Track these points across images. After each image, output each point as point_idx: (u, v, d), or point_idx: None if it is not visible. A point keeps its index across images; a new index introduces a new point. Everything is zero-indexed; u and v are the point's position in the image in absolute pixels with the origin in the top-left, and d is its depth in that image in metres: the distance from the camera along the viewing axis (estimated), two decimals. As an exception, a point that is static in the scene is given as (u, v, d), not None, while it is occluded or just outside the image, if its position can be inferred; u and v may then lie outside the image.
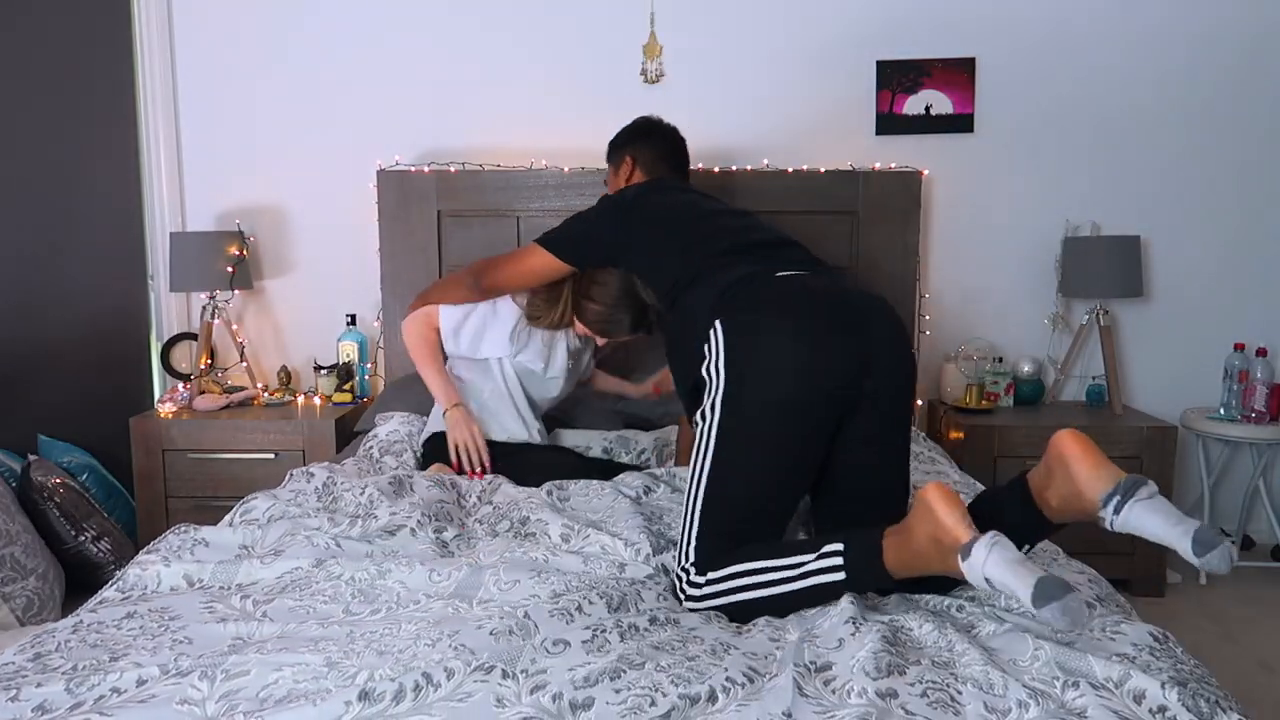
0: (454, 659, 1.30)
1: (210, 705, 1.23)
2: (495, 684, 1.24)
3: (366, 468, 2.35)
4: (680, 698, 1.23)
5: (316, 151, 3.30)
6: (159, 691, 1.25)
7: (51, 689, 1.27)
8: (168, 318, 3.36)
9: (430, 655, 1.32)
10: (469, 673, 1.26)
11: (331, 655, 1.33)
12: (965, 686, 1.26)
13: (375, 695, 1.21)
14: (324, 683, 1.27)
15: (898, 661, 1.32)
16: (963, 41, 3.21)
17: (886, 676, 1.27)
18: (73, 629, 1.47)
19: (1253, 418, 3.04)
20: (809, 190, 3.12)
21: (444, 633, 1.39)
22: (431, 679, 1.25)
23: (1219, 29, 3.19)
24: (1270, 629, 2.75)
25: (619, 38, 3.17)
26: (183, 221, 3.35)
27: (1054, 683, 1.26)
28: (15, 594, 2.44)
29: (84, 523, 2.75)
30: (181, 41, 3.29)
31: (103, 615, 1.52)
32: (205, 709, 1.22)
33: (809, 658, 1.35)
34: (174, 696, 1.24)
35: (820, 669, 1.33)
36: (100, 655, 1.37)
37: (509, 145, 3.23)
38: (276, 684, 1.27)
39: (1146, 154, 3.26)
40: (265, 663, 1.31)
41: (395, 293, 3.18)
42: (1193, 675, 1.30)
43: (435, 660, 1.30)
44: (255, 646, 1.38)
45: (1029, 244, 3.30)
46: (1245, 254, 3.29)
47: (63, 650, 1.40)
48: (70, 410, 3.12)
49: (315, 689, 1.25)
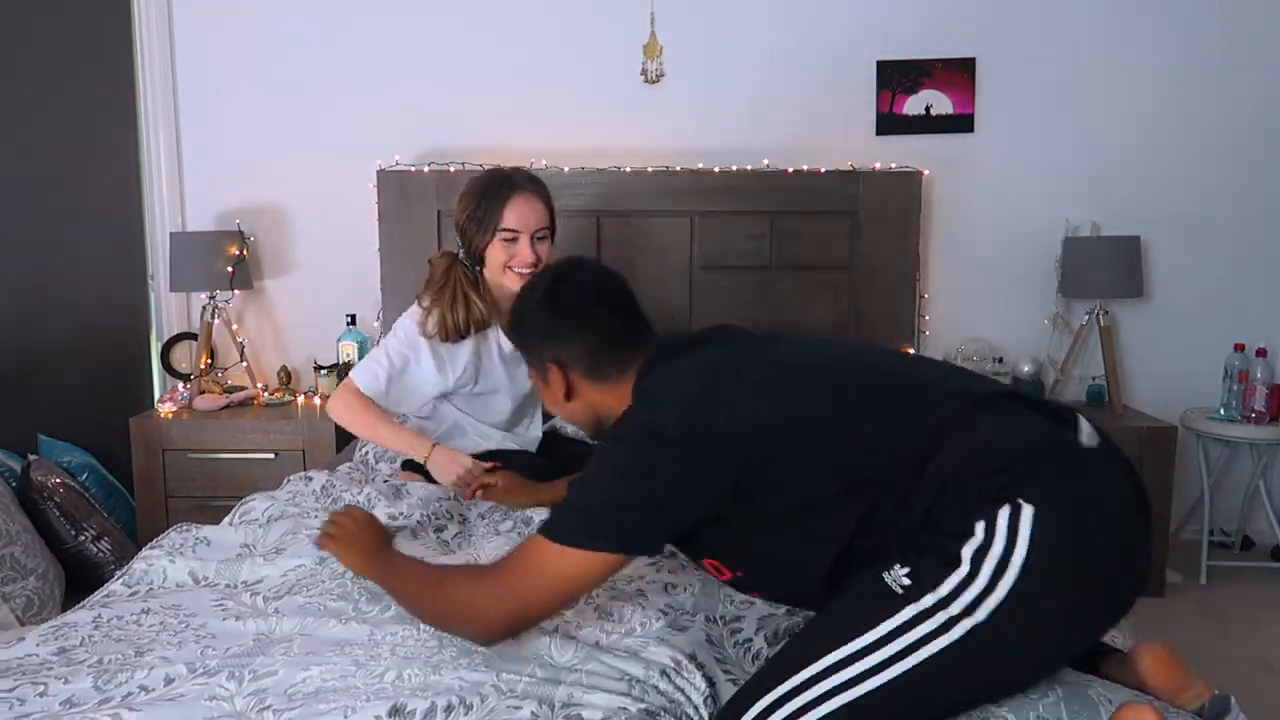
0: (485, 675, 1.27)
1: (239, 701, 1.24)
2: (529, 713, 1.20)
3: (363, 474, 2.36)
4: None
5: (316, 151, 3.30)
6: (187, 690, 1.26)
7: (79, 685, 1.28)
8: (168, 318, 3.36)
9: (459, 663, 1.31)
10: (501, 699, 1.22)
11: (358, 657, 1.34)
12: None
13: (406, 712, 1.20)
14: (353, 681, 1.27)
15: None
16: (963, 41, 3.21)
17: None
18: (94, 624, 1.49)
19: (1253, 418, 3.04)
20: (809, 190, 3.12)
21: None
22: (465, 702, 1.21)
23: (1219, 29, 3.19)
24: (1270, 629, 2.75)
25: (619, 38, 3.17)
26: (183, 221, 3.35)
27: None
28: (15, 594, 2.44)
29: (84, 523, 2.75)
30: (181, 41, 3.29)
31: (120, 610, 1.54)
32: (234, 704, 1.23)
33: None
34: (202, 694, 1.25)
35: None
36: (125, 650, 1.39)
37: (509, 145, 3.23)
38: (304, 682, 1.27)
39: (1146, 154, 3.26)
40: (292, 663, 1.32)
41: (395, 293, 3.18)
42: None
43: (465, 669, 1.29)
44: (281, 646, 1.39)
45: (1029, 244, 3.29)
46: (1245, 254, 3.29)
47: (87, 645, 1.42)
48: (70, 410, 3.12)
49: (344, 686, 1.26)
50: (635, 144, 3.22)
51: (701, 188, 3.14)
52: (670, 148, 3.20)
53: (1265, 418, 3.03)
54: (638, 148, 3.21)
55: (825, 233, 3.13)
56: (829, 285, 3.18)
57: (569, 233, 3.18)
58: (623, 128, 3.24)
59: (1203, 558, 3.05)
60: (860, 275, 3.17)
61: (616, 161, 3.17)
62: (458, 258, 2.18)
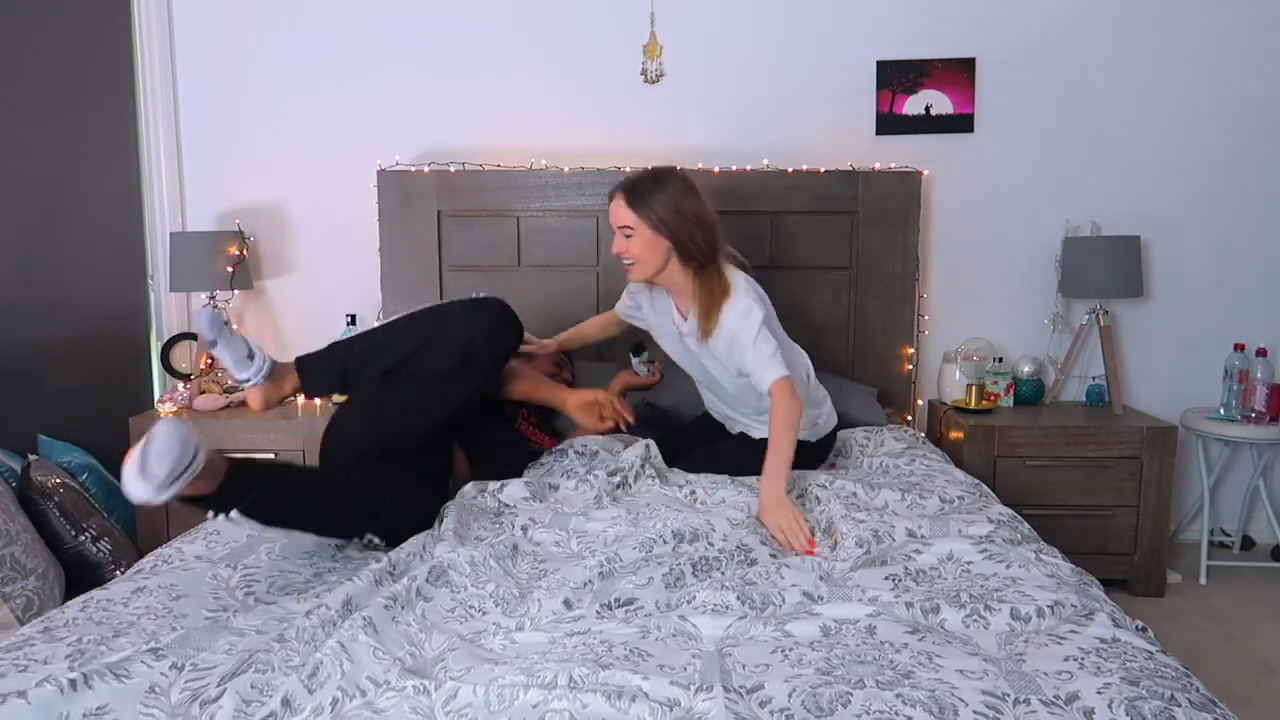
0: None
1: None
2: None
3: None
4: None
5: (316, 151, 3.30)
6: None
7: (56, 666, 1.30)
8: (168, 318, 3.36)
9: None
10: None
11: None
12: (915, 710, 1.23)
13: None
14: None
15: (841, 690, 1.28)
16: (963, 41, 3.21)
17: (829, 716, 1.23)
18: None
19: (1253, 418, 3.04)
20: (809, 190, 3.12)
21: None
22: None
23: (1219, 28, 3.19)
24: (1270, 629, 2.75)
25: (619, 38, 3.17)
26: (183, 221, 3.35)
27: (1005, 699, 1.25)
28: (15, 594, 2.44)
29: (84, 523, 2.74)
30: (181, 41, 3.29)
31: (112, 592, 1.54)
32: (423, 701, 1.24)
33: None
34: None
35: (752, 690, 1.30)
36: (103, 631, 1.38)
37: (509, 145, 3.23)
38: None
39: (1146, 154, 3.26)
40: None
41: (395, 293, 3.18)
42: (1144, 672, 1.30)
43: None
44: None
45: (1029, 244, 3.30)
46: (1245, 254, 3.29)
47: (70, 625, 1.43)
48: (70, 410, 3.11)
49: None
50: (635, 144, 3.22)
51: (701, 187, 3.13)
52: (670, 148, 3.20)
53: (1265, 418, 3.03)
54: (638, 148, 3.21)
55: (825, 233, 3.14)
56: (829, 285, 3.18)
57: (569, 232, 3.19)
58: (623, 128, 3.24)
59: (1203, 558, 3.05)
60: (860, 275, 3.16)
61: (616, 161, 3.17)
62: None
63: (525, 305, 3.22)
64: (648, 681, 1.27)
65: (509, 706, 1.23)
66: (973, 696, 1.25)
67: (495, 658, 1.39)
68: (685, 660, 1.38)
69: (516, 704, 1.24)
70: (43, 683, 1.26)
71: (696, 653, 1.41)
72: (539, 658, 1.37)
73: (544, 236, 3.19)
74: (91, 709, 1.24)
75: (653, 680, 1.28)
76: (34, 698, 1.23)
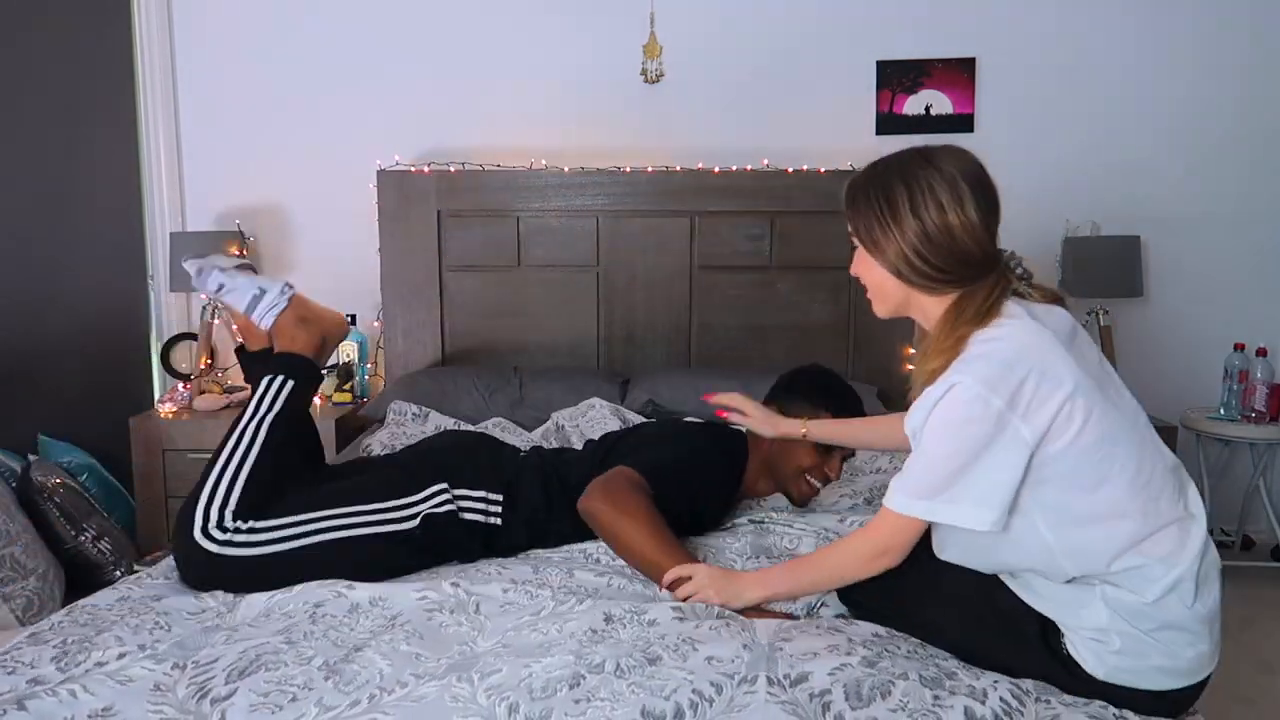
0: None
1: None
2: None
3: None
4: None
5: (316, 151, 3.30)
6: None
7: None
8: (168, 318, 3.36)
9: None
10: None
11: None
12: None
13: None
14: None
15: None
16: (963, 41, 3.21)
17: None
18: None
19: (1253, 418, 3.04)
20: (809, 190, 3.12)
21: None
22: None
23: (1220, 28, 3.19)
24: (1270, 629, 2.75)
25: (619, 38, 3.17)
26: (183, 221, 3.35)
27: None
28: (15, 594, 2.44)
29: (84, 523, 2.74)
30: (181, 41, 3.29)
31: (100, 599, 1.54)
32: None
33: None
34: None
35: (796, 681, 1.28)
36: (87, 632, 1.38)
37: (509, 145, 3.23)
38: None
39: (1146, 154, 3.26)
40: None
41: (395, 293, 3.18)
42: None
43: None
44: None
45: (1029, 244, 3.27)
46: (1245, 254, 3.29)
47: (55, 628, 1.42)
48: (70, 410, 3.11)
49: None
50: (635, 144, 3.22)
51: (701, 188, 3.14)
52: (670, 148, 3.20)
53: (1265, 417, 3.03)
54: (638, 148, 3.21)
55: (825, 233, 3.13)
56: (829, 285, 3.18)
57: (569, 232, 3.19)
58: (623, 128, 3.24)
59: (1203, 558, 3.05)
60: (860, 275, 3.16)
61: (616, 161, 3.17)
62: None
63: (525, 305, 3.24)
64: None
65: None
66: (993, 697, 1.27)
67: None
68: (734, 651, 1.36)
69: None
70: (38, 692, 1.25)
71: (748, 643, 1.39)
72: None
73: (544, 236, 3.19)
74: (97, 710, 1.23)
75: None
76: (32, 708, 1.22)
